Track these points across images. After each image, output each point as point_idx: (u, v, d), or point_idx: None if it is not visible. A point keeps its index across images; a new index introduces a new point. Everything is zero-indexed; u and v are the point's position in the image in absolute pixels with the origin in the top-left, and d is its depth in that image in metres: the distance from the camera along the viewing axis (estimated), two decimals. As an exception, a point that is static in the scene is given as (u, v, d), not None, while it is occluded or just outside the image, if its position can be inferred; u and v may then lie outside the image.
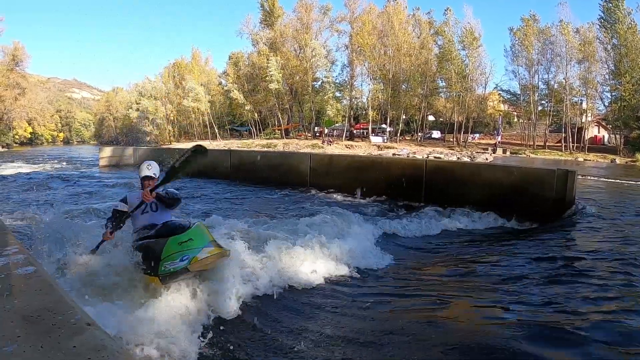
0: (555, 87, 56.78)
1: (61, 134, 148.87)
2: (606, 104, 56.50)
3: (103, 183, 18.41)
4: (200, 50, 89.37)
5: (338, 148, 55.22)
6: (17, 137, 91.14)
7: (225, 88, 77.26)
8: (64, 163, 33.53)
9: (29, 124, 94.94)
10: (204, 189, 16.42)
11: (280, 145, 58.49)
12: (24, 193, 14.98)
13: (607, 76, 53.46)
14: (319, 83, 67.78)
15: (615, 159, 45.03)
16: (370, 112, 63.46)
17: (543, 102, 59.79)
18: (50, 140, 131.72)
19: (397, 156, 34.32)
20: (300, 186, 16.11)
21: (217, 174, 19.96)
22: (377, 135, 63.33)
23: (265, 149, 46.73)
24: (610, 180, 23.08)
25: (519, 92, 60.98)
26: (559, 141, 56.37)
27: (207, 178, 19.41)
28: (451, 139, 62.42)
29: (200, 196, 14.44)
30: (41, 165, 30.95)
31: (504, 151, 53.51)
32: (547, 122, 58.66)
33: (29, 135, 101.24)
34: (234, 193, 15.49)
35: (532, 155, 50.82)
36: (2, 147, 72.61)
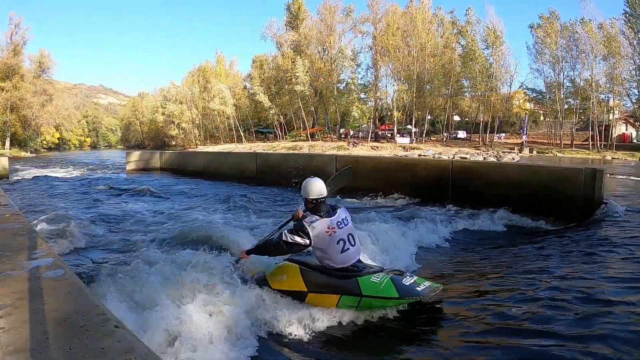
0: (581, 84, 55.98)
1: (88, 139, 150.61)
2: (633, 100, 55.65)
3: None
4: (224, 54, 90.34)
5: (364, 150, 55.28)
6: (44, 142, 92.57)
7: (251, 91, 77.86)
8: (93, 167, 34.06)
9: (57, 130, 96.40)
10: (231, 190, 16.45)
11: (305, 147, 58.76)
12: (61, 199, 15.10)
13: (633, 72, 52.59)
14: (344, 85, 67.93)
15: (644, 157, 44.13)
16: (395, 113, 63.49)
17: (569, 100, 58.94)
18: (78, 145, 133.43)
19: (422, 157, 34.07)
20: (327, 188, 15.96)
21: (243, 178, 20.06)
22: (402, 136, 63.24)
23: (291, 152, 46.81)
24: (639, 178, 22.62)
25: (544, 90, 60.31)
26: (586, 140, 55.49)
27: (233, 181, 19.52)
28: (477, 139, 61.95)
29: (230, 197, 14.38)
30: (69, 170, 31.36)
31: (531, 150, 53.03)
32: (574, 120, 57.80)
33: (57, 141, 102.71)
34: (261, 196, 15.46)
35: (559, 155, 50.22)
36: (30, 152, 73.83)
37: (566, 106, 58.63)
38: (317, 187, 4.93)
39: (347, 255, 4.74)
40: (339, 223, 4.75)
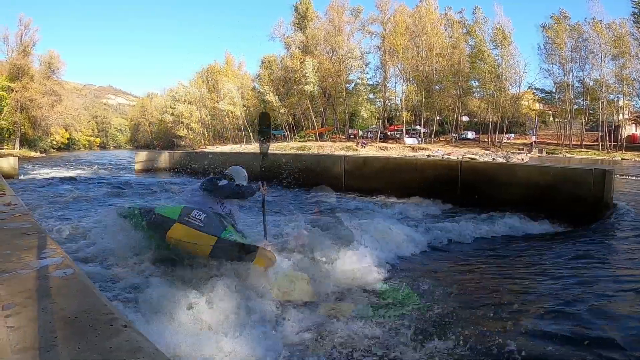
0: (591, 84, 55.54)
1: (97, 139, 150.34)
2: (643, 100, 55.13)
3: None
4: (233, 55, 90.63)
5: (372, 150, 55.22)
6: (54, 142, 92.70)
7: (261, 91, 78.02)
8: (102, 167, 34.17)
9: (66, 130, 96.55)
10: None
11: (314, 147, 58.83)
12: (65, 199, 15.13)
13: (642, 72, 52.21)
14: (352, 85, 67.95)
15: (654, 158, 43.77)
16: (404, 114, 63.38)
17: (578, 100, 58.50)
18: (87, 145, 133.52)
19: (431, 157, 33.92)
20: (335, 188, 15.94)
21: (253, 178, 19.93)
22: (411, 137, 63.06)
23: (299, 152, 46.81)
24: (649, 180, 22.40)
25: (554, 91, 60.00)
26: (596, 140, 54.97)
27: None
28: (486, 140, 61.61)
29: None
30: (79, 170, 31.41)
31: (540, 151, 52.61)
32: (583, 120, 57.29)
33: (66, 141, 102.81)
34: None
35: (569, 155, 49.88)
36: (40, 152, 74.07)
37: (575, 106, 58.09)
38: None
39: None
40: None
